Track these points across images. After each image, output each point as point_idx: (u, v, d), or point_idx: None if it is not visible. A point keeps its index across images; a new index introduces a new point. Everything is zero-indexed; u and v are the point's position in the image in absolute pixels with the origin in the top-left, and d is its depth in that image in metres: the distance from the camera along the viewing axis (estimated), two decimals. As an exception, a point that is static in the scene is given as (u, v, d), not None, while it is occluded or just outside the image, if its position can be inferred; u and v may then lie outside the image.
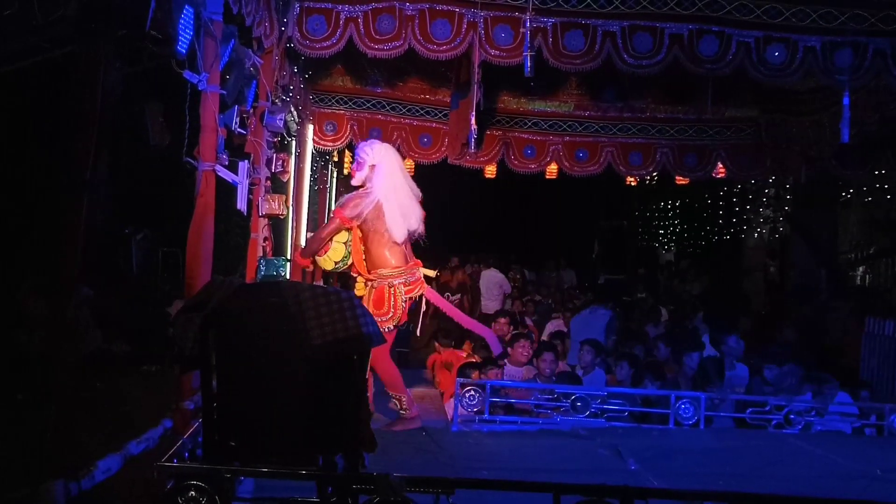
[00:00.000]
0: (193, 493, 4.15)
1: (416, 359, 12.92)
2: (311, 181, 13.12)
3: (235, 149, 7.84)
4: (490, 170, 14.25)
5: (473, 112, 9.43)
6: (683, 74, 9.35)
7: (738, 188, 20.13)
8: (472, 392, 8.05)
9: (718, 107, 12.73)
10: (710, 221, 22.46)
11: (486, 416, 8.04)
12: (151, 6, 5.17)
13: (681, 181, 14.82)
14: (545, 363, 9.25)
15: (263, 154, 8.59)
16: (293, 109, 9.65)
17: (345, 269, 8.35)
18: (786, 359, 9.25)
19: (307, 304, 4.41)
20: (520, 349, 9.75)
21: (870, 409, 8.67)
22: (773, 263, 20.26)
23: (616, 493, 4.35)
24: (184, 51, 5.79)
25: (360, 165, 8.05)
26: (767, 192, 19.33)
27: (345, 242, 8.06)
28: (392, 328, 7.85)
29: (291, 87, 9.97)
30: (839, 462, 7.07)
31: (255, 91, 8.02)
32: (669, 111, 13.27)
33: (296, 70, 10.16)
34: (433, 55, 8.89)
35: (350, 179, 8.42)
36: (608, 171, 13.73)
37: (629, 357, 9.69)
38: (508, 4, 8.68)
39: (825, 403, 8.54)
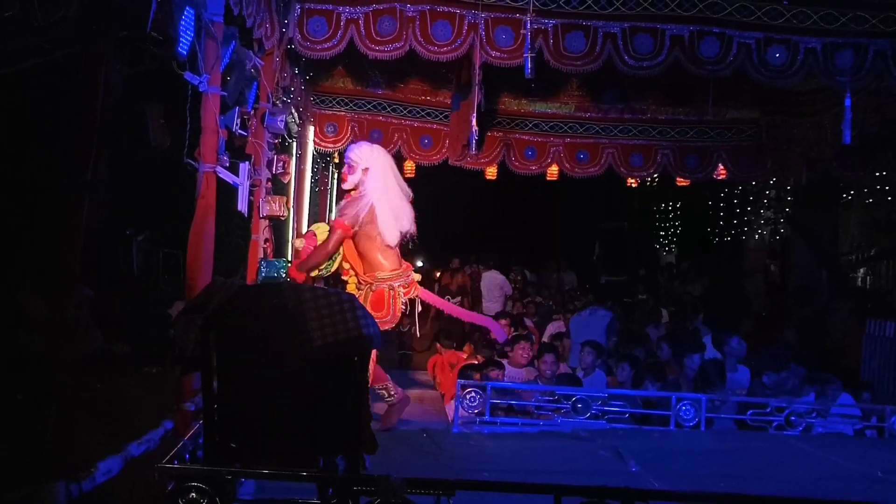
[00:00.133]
0: (194, 495, 4.15)
1: (418, 361, 12.92)
2: (312, 183, 13.13)
3: (236, 150, 7.84)
4: (491, 171, 14.26)
5: (474, 113, 9.43)
6: (684, 76, 9.36)
7: (739, 189, 20.11)
8: (473, 393, 8.04)
9: (719, 108, 12.75)
10: (711, 223, 22.43)
11: (487, 418, 8.03)
12: (152, 7, 5.17)
13: (682, 182, 14.82)
14: (546, 365, 9.24)
15: (264, 155, 8.59)
16: (294, 111, 9.66)
17: (327, 275, 8.25)
18: (784, 364, 9.23)
19: (308, 306, 4.41)
20: (520, 350, 9.75)
21: (871, 411, 8.67)
22: (774, 265, 20.25)
23: (617, 495, 4.35)
24: (185, 52, 5.78)
25: (352, 169, 7.87)
26: (768, 194, 19.33)
27: None
28: (388, 330, 7.82)
29: (292, 89, 9.98)
30: (840, 464, 7.07)
31: (256, 92, 8.01)
32: (670, 112, 13.27)
33: (297, 71, 10.17)
34: (434, 56, 8.89)
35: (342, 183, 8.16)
36: (609, 173, 13.75)
37: (630, 358, 9.69)
38: (509, 6, 8.68)
39: (827, 405, 8.54)
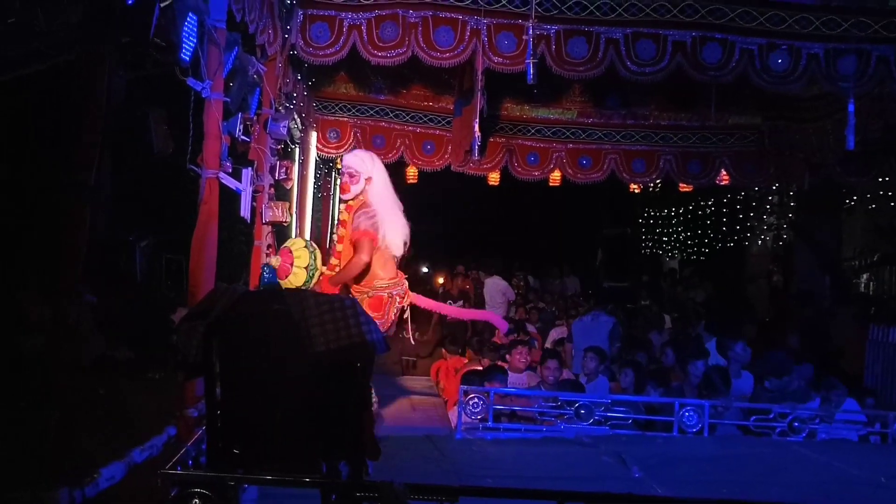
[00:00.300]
0: (197, 501, 4.14)
1: (421, 367, 12.92)
2: (315, 188, 13.15)
3: (239, 156, 7.85)
4: (493, 177, 14.26)
5: (477, 119, 9.43)
6: (687, 82, 9.37)
7: (742, 195, 20.10)
8: (476, 399, 8.03)
9: (722, 114, 12.75)
10: (714, 228, 22.41)
11: (490, 424, 8.02)
12: (155, 13, 5.18)
13: (684, 188, 14.84)
14: (549, 370, 9.22)
15: (267, 161, 8.60)
16: (297, 117, 9.67)
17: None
18: (786, 368, 9.21)
19: (311, 312, 4.40)
20: (517, 355, 9.72)
21: (874, 417, 8.65)
22: (777, 270, 20.21)
23: (620, 501, 4.35)
24: (187, 58, 5.79)
25: (355, 179, 7.50)
26: (771, 199, 19.30)
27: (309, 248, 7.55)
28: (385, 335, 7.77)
29: (295, 95, 9.99)
30: (843, 469, 7.05)
31: (259, 98, 8.01)
32: (673, 118, 13.29)
33: (299, 77, 10.18)
34: (436, 62, 8.91)
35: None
36: (611, 179, 13.76)
37: (633, 364, 9.67)
38: (511, 12, 8.70)
39: (832, 411, 8.53)
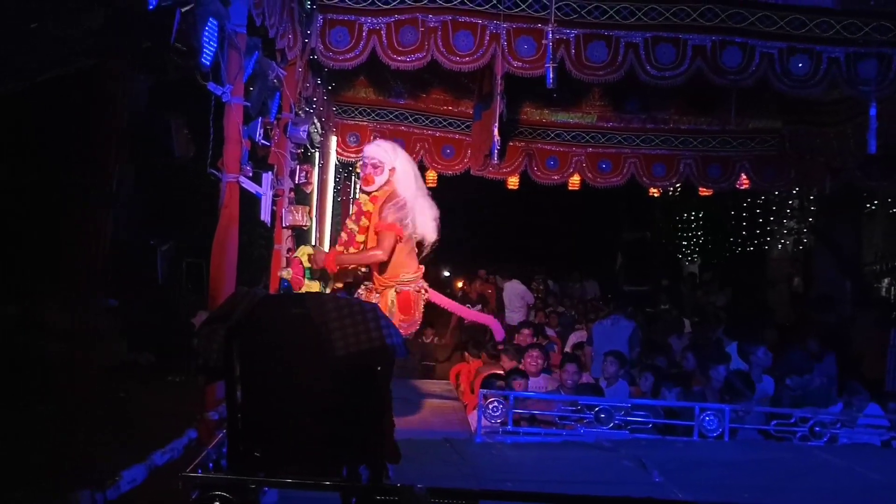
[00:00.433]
0: (218, 504, 4.15)
1: (440, 370, 12.93)
2: (335, 192, 13.17)
3: (259, 160, 7.87)
4: (513, 181, 14.25)
5: (496, 123, 9.44)
6: (707, 86, 9.34)
7: (762, 199, 20.04)
8: (496, 403, 8.02)
9: (742, 118, 12.70)
10: (734, 232, 22.34)
11: (510, 428, 8.01)
12: (176, 19, 5.21)
13: (704, 192, 14.78)
14: (568, 374, 9.22)
15: (287, 165, 8.62)
16: (316, 121, 9.70)
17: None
18: (807, 368, 9.17)
19: (331, 315, 4.40)
20: (529, 359, 9.72)
21: (896, 422, 8.61)
22: (797, 275, 20.15)
23: (640, 505, 4.34)
24: (208, 63, 5.82)
25: (379, 169, 7.41)
26: (791, 203, 19.25)
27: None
28: (410, 336, 7.75)
29: (315, 99, 10.01)
30: (865, 475, 7.01)
31: (279, 103, 8.04)
32: (693, 122, 13.25)
33: (319, 82, 10.20)
34: (456, 67, 8.91)
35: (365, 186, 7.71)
36: (631, 183, 13.73)
37: (653, 368, 9.65)
38: (531, 16, 8.70)
39: (854, 415, 8.48)
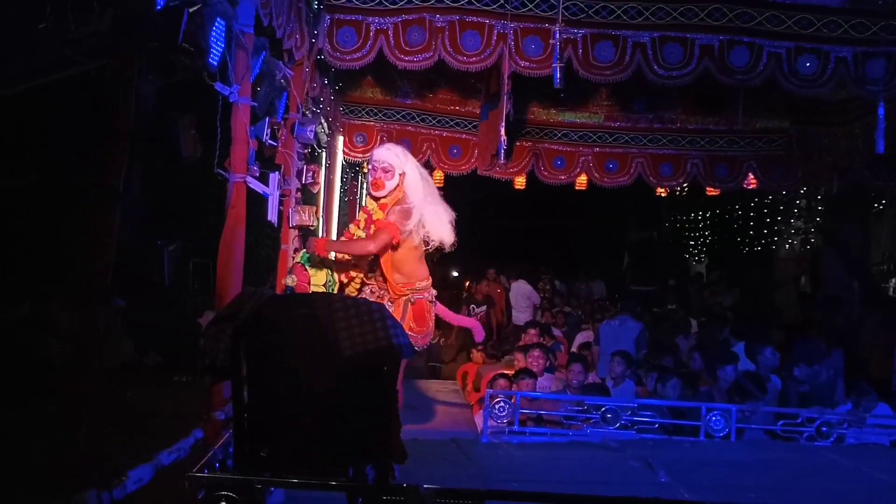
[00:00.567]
0: (224, 504, 4.16)
1: (446, 371, 12.93)
2: (342, 192, 13.18)
3: (266, 160, 7.88)
4: (520, 181, 14.26)
5: (503, 123, 9.44)
6: (714, 85, 9.33)
7: (769, 199, 20.02)
8: (502, 403, 8.03)
9: (749, 118, 12.69)
10: (741, 232, 22.31)
11: (516, 428, 8.01)
12: (184, 19, 5.22)
13: (711, 192, 14.78)
14: (574, 374, 9.22)
15: (294, 165, 8.63)
16: (323, 121, 9.70)
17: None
18: (817, 358, 9.14)
19: (338, 315, 4.40)
20: (531, 359, 9.72)
21: (906, 422, 8.60)
22: (805, 275, 20.11)
23: (647, 506, 4.34)
24: (215, 63, 5.83)
25: (389, 174, 7.12)
26: (799, 203, 19.20)
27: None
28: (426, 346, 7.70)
29: (322, 99, 10.02)
30: (872, 475, 7.00)
31: (286, 103, 8.04)
32: (700, 122, 13.26)
33: (326, 82, 10.21)
34: (463, 66, 8.92)
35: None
36: (638, 182, 13.72)
37: (660, 368, 9.64)
38: (538, 16, 8.69)
39: (862, 416, 8.46)
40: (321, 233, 11.01)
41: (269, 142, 7.66)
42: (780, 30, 8.72)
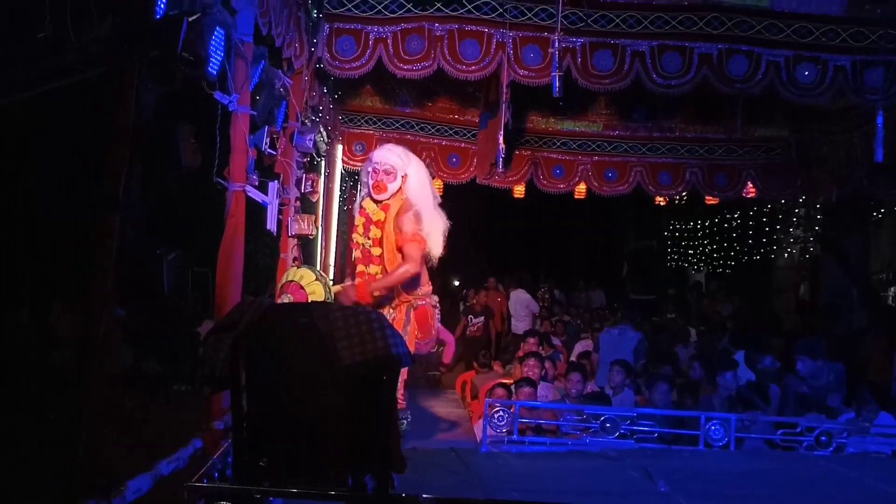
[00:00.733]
0: (223, 513, 4.15)
1: (446, 380, 12.91)
2: (341, 201, 13.17)
3: (265, 169, 7.88)
4: (519, 190, 14.26)
5: (502, 132, 9.44)
6: (713, 94, 9.34)
7: (768, 208, 20.02)
8: (501, 412, 8.01)
9: (748, 126, 12.70)
10: (740, 241, 22.32)
11: (515, 437, 8.00)
12: (183, 28, 5.22)
13: (710, 201, 14.78)
14: (572, 383, 9.21)
15: (293, 174, 8.64)
16: (323, 130, 9.71)
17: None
18: (819, 351, 9.12)
19: (337, 325, 4.41)
20: (526, 368, 9.72)
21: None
22: (804, 284, 20.10)
23: (647, 516, 4.33)
24: (215, 72, 5.83)
25: (392, 176, 7.10)
26: (798, 212, 19.21)
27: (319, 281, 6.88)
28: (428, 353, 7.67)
29: (321, 108, 10.03)
30: (872, 485, 6.99)
31: (285, 111, 8.05)
32: (699, 131, 13.27)
33: (325, 90, 10.22)
34: (462, 75, 8.93)
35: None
36: (637, 191, 13.74)
37: (660, 377, 9.63)
38: (537, 25, 8.71)
39: (863, 425, 8.44)
40: (319, 242, 11.00)
41: (269, 150, 7.66)
42: (779, 38, 8.74)
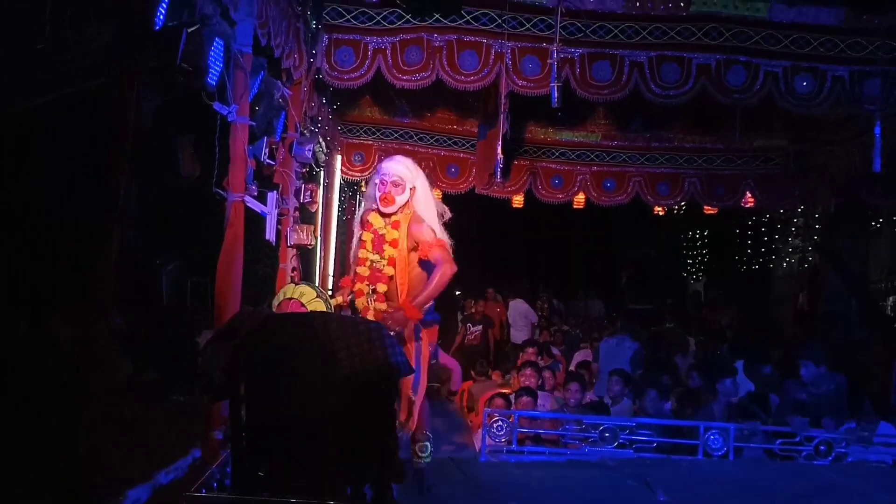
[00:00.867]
0: (222, 524, 4.15)
1: (446, 391, 12.91)
2: (340, 211, 13.18)
3: (264, 179, 7.88)
4: (518, 200, 14.26)
5: (500, 142, 9.45)
6: (711, 104, 9.36)
7: (767, 217, 20.02)
8: (500, 422, 8.01)
9: (747, 136, 12.71)
10: (739, 251, 22.32)
11: (514, 447, 8.00)
12: (182, 39, 5.23)
13: (709, 211, 14.78)
14: (571, 393, 9.21)
15: (292, 184, 8.64)
16: (321, 140, 9.71)
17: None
18: (823, 357, 9.10)
19: (336, 335, 4.41)
20: (523, 378, 9.72)
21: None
22: (803, 293, 20.10)
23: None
24: (214, 82, 5.84)
25: (400, 188, 6.54)
26: (796, 222, 19.21)
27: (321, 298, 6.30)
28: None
29: (320, 118, 10.04)
30: (871, 495, 6.99)
31: (284, 122, 8.05)
32: (697, 141, 13.28)
33: (324, 101, 10.23)
34: (461, 86, 8.94)
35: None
36: (636, 201, 13.74)
37: (650, 384, 9.62)
38: (536, 35, 8.72)
39: (862, 435, 8.43)
40: (318, 252, 11.00)
41: (268, 161, 7.67)
42: (777, 49, 8.76)
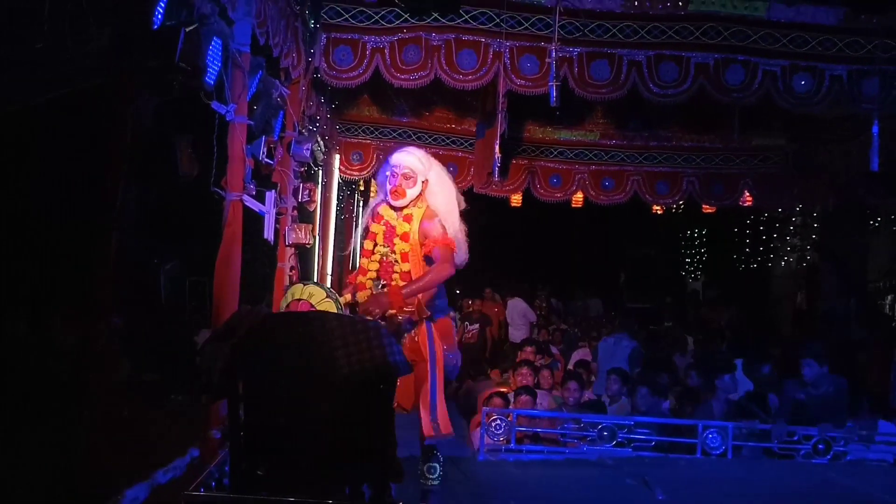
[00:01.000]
0: (220, 523, 4.15)
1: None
2: (338, 210, 13.17)
3: (262, 178, 7.87)
4: (516, 199, 14.27)
5: (498, 141, 9.45)
6: (710, 103, 9.35)
7: (765, 216, 20.03)
8: (498, 421, 8.01)
9: (745, 135, 12.71)
10: (737, 250, 22.33)
11: (513, 446, 8.00)
12: (181, 38, 5.23)
13: (707, 210, 14.79)
14: (569, 392, 9.21)
15: (290, 184, 8.63)
16: (320, 139, 9.71)
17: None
18: (824, 357, 9.10)
19: (334, 334, 4.40)
20: (520, 377, 9.71)
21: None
22: (801, 292, 20.11)
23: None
24: (212, 82, 5.84)
25: (412, 181, 6.26)
26: (795, 221, 19.22)
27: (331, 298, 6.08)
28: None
29: (318, 117, 10.04)
30: (870, 493, 6.99)
31: (283, 121, 8.05)
32: (696, 140, 13.28)
33: (322, 100, 10.23)
34: (459, 85, 8.93)
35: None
36: (634, 200, 13.74)
37: (641, 382, 9.62)
38: (534, 34, 8.72)
39: (861, 434, 8.42)
40: (317, 251, 11.00)
41: (266, 160, 7.66)
42: (775, 48, 8.76)
